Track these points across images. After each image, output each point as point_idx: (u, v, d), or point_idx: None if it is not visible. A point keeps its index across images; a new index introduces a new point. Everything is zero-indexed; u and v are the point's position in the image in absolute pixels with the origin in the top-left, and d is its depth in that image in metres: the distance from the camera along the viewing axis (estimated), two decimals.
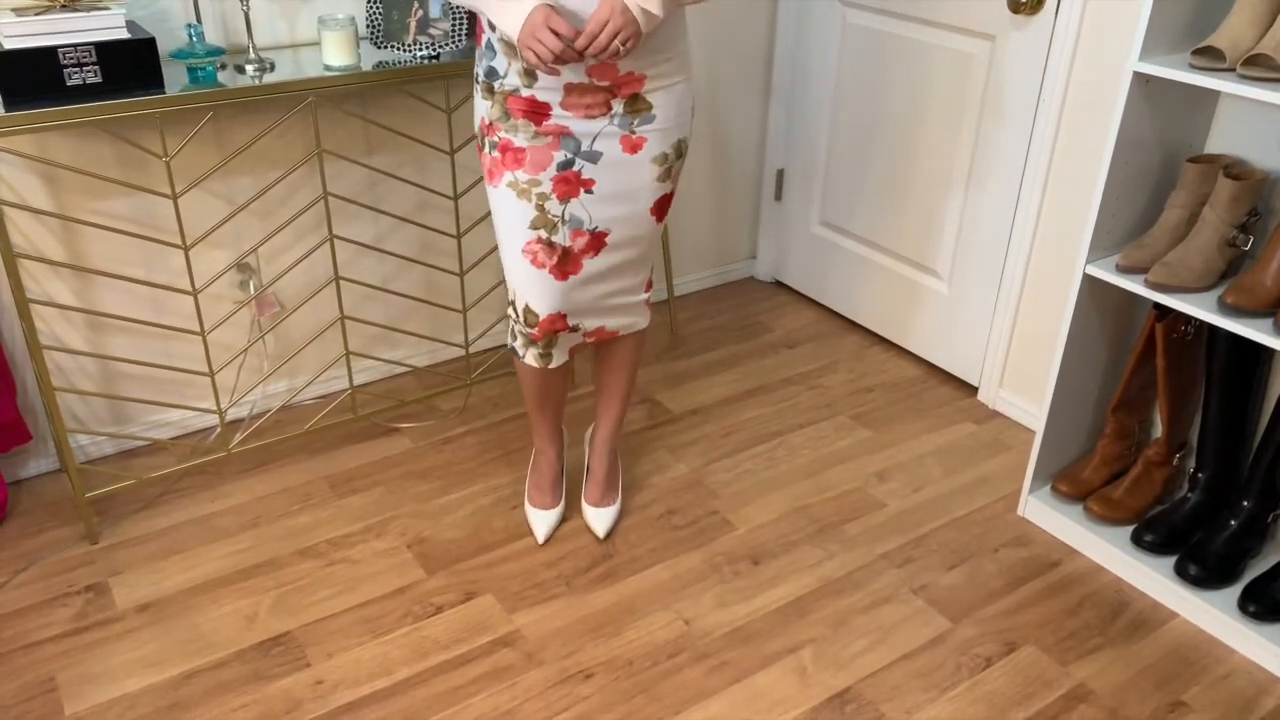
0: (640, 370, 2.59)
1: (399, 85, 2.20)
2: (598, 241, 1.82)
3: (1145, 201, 1.97)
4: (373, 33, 2.12)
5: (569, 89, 1.69)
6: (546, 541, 2.10)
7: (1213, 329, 1.91)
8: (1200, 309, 1.79)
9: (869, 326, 2.97)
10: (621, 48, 1.57)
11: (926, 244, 2.71)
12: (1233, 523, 1.96)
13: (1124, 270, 1.90)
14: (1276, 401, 1.91)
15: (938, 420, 2.57)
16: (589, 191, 1.77)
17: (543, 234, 1.79)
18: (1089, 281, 1.97)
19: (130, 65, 1.83)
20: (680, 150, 1.82)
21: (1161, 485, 2.12)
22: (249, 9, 2.01)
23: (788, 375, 2.75)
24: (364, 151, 2.35)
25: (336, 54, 2.03)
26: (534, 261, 1.81)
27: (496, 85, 1.73)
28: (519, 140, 1.74)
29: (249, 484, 2.26)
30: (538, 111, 1.72)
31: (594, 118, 1.72)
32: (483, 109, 1.78)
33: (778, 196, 3.16)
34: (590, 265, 1.84)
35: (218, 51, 2.04)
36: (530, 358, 1.93)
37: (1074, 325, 2.02)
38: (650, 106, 1.74)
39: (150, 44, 1.85)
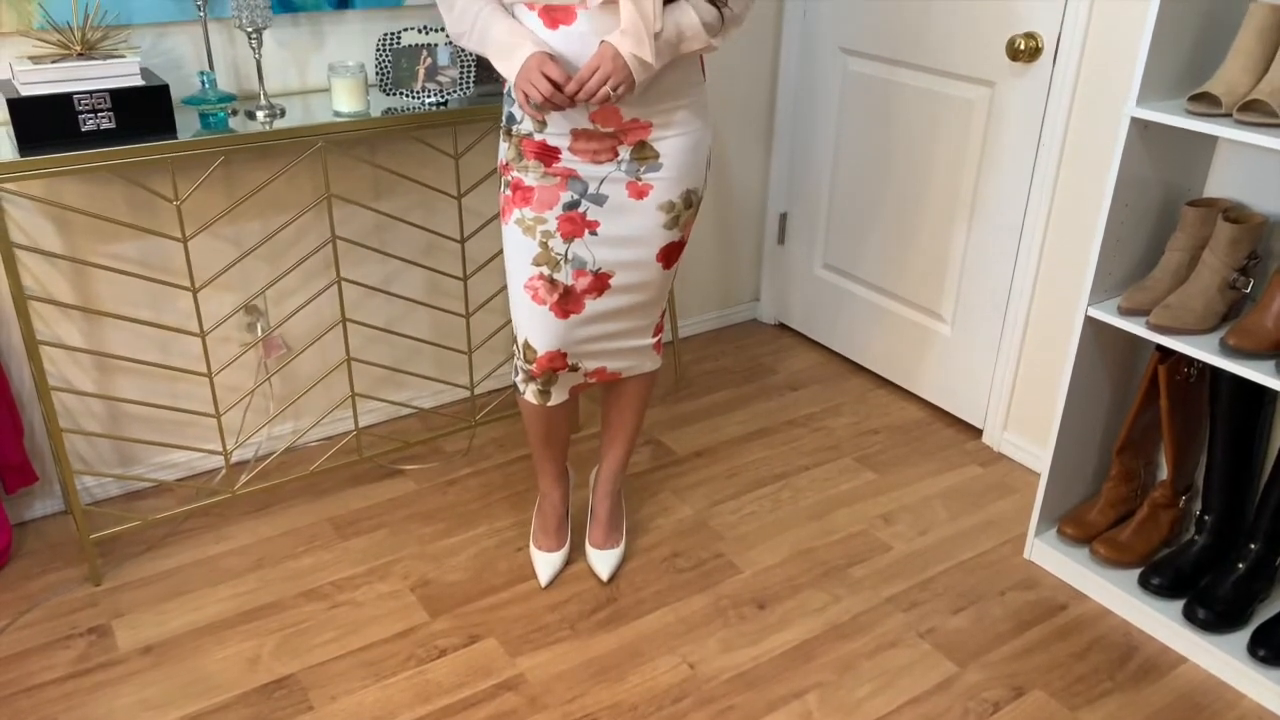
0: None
1: (407, 131, 2.23)
2: (601, 283, 1.84)
3: (1145, 244, 1.99)
4: (382, 80, 2.16)
5: (576, 134, 1.73)
6: (550, 584, 2.09)
7: (1215, 371, 1.92)
8: (1202, 351, 1.80)
9: (873, 369, 2.97)
10: (613, 94, 1.60)
11: (929, 287, 2.72)
12: (1241, 566, 1.95)
13: (1126, 312, 1.91)
14: None
15: (943, 463, 2.57)
16: (593, 233, 1.80)
17: (545, 270, 1.81)
18: (1091, 324, 1.98)
19: (144, 111, 1.86)
20: (689, 200, 1.84)
21: (1168, 528, 2.12)
22: (261, 57, 2.05)
23: (792, 417, 2.76)
24: (372, 196, 2.38)
25: (346, 100, 2.07)
26: (535, 297, 1.83)
27: (514, 129, 1.79)
28: (529, 179, 1.78)
29: (253, 526, 2.26)
30: (548, 154, 1.76)
31: (601, 162, 1.75)
32: (502, 150, 1.84)
33: (781, 240, 3.19)
34: (593, 306, 1.85)
35: (229, 98, 2.07)
36: (530, 394, 1.94)
37: (1077, 367, 2.03)
38: (657, 155, 1.76)
39: (164, 91, 1.88)
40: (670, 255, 1.87)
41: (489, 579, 2.11)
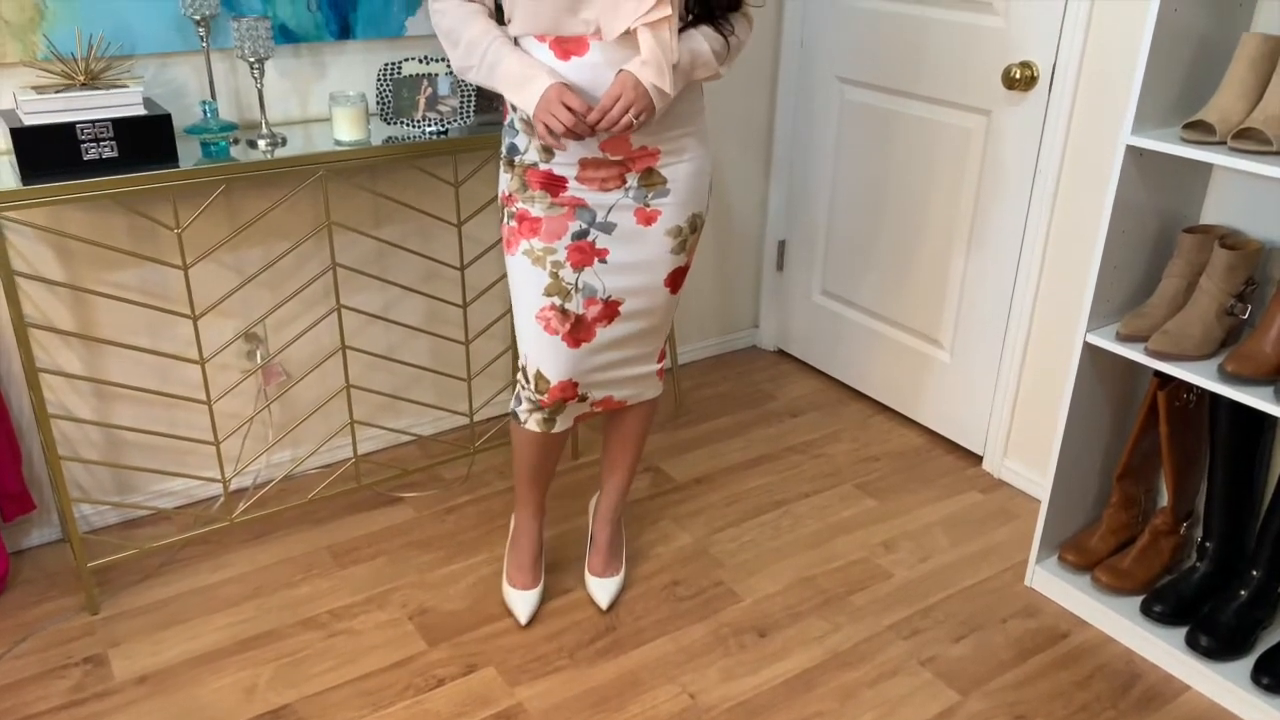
0: None
1: (408, 159, 2.25)
2: (611, 310, 1.84)
3: (1143, 271, 2.00)
4: (383, 109, 2.18)
5: (584, 164, 1.74)
6: (531, 622, 2.06)
7: (1215, 397, 1.92)
8: (1201, 377, 1.80)
9: (872, 395, 2.97)
10: (635, 122, 1.61)
11: (928, 313, 2.73)
12: (1243, 593, 1.94)
13: (1124, 339, 1.92)
14: None
15: (943, 489, 2.56)
16: (603, 261, 1.80)
17: (556, 301, 1.81)
18: (1090, 350, 1.98)
19: (146, 140, 1.87)
20: (695, 224, 1.85)
21: (1170, 554, 2.11)
22: (262, 86, 2.07)
23: (792, 444, 2.75)
24: (372, 223, 2.40)
25: (347, 129, 2.08)
26: (547, 328, 1.83)
27: (517, 160, 1.79)
28: (535, 210, 1.78)
29: (251, 554, 2.25)
30: (555, 184, 1.76)
31: (609, 190, 1.76)
32: (503, 181, 1.83)
33: (779, 266, 3.20)
34: (603, 333, 1.85)
35: (231, 127, 2.09)
36: (533, 423, 1.93)
37: (1076, 394, 2.03)
38: (665, 180, 1.78)
39: (166, 120, 1.90)
40: (677, 280, 1.88)
41: (487, 608, 2.10)
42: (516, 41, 1.70)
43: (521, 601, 2.06)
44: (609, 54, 1.63)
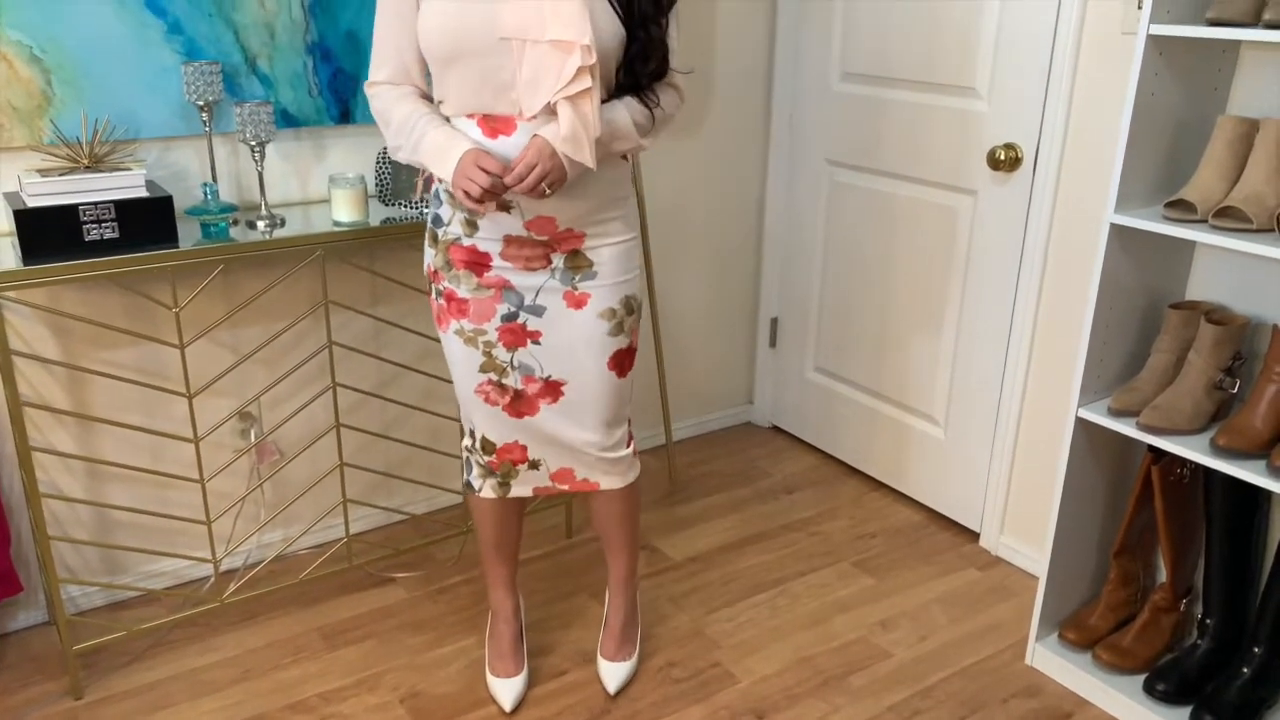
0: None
1: (405, 239, 2.28)
2: (553, 389, 1.82)
3: (1132, 346, 2.02)
4: (381, 191, 2.22)
5: (508, 240, 1.73)
6: (516, 709, 2.00)
7: (1208, 472, 1.92)
8: (1193, 451, 1.81)
9: (868, 472, 2.97)
10: (547, 190, 1.61)
11: (921, 390, 2.74)
12: (1245, 670, 1.91)
13: (1116, 413, 1.93)
14: (1279, 544, 1.90)
15: (940, 567, 2.54)
16: (536, 343, 1.79)
17: (492, 376, 1.81)
18: (1082, 425, 1.99)
19: (147, 221, 1.90)
20: (630, 306, 1.82)
21: (1170, 631, 2.08)
22: (263, 169, 2.11)
23: (788, 521, 2.74)
24: (369, 302, 2.42)
25: (346, 210, 2.12)
26: (486, 400, 1.83)
27: (440, 233, 1.78)
28: (461, 291, 1.78)
29: (240, 636, 2.21)
30: (479, 262, 1.76)
31: (534, 270, 1.75)
32: (428, 256, 1.83)
33: (773, 343, 3.22)
34: (548, 410, 1.84)
35: (231, 208, 2.12)
36: (488, 489, 1.91)
37: (1070, 469, 2.03)
38: (592, 264, 1.77)
39: (167, 202, 1.93)
40: (622, 363, 1.84)
41: (479, 690, 2.06)
42: (449, 121, 1.71)
43: (505, 690, 2.02)
44: (534, 130, 1.63)
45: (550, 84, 1.58)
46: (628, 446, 1.93)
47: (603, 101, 1.65)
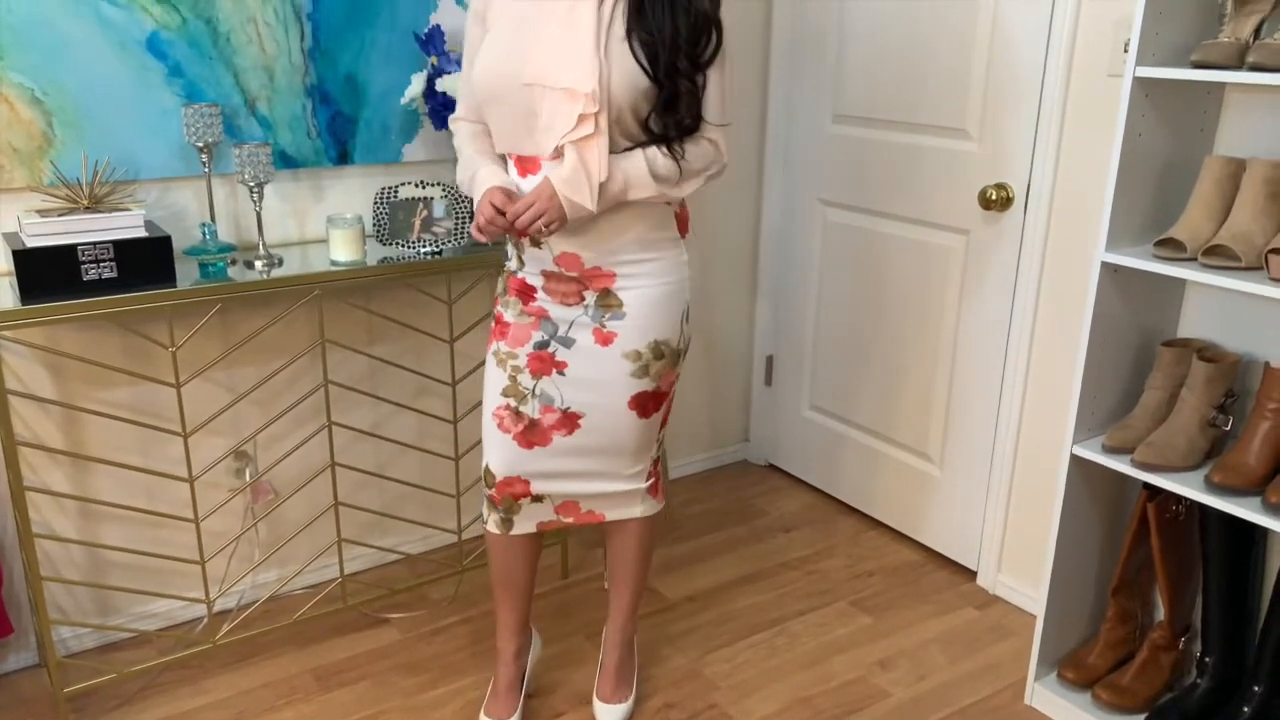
0: None
1: (403, 279, 2.29)
2: (570, 421, 1.85)
3: (1126, 383, 2.03)
4: (379, 231, 2.23)
5: (546, 275, 1.81)
6: None
7: (1204, 509, 1.92)
8: (1188, 488, 1.81)
9: (864, 510, 2.96)
10: (544, 229, 1.68)
11: (916, 428, 2.75)
12: (1246, 709, 1.90)
13: (1110, 450, 1.93)
14: (1276, 580, 1.90)
15: (938, 606, 2.53)
16: (561, 373, 1.83)
17: (511, 402, 1.85)
18: (1077, 462, 2.00)
19: (145, 261, 1.91)
20: (660, 352, 1.83)
21: (1170, 670, 2.07)
22: (261, 209, 2.13)
23: (785, 560, 2.73)
24: (366, 341, 2.43)
25: (343, 250, 2.13)
26: (500, 425, 1.86)
27: (506, 265, 1.88)
28: (508, 315, 1.86)
29: (232, 678, 2.19)
30: (526, 292, 1.84)
31: (569, 305, 1.81)
32: (498, 284, 1.93)
33: (768, 381, 3.23)
34: (561, 441, 1.86)
35: (229, 248, 2.14)
36: (492, 523, 1.93)
37: (1066, 507, 2.03)
38: (621, 304, 1.80)
39: (165, 241, 1.94)
40: (645, 404, 1.86)
41: None
42: (504, 158, 1.80)
43: None
44: (554, 171, 1.69)
45: (560, 127, 1.65)
46: (646, 480, 1.95)
47: (626, 149, 1.70)
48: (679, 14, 1.66)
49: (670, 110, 1.69)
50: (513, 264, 1.86)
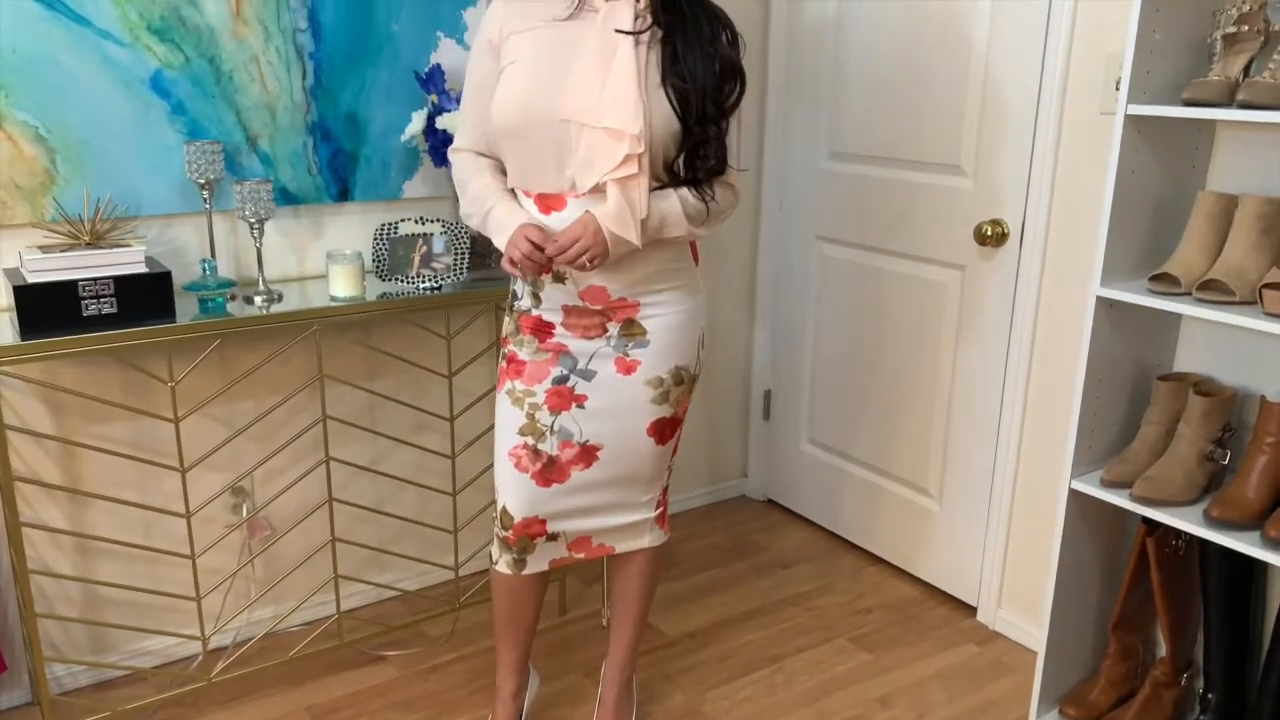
0: None
1: (401, 314, 2.30)
2: (588, 454, 1.86)
3: (1123, 417, 2.03)
4: (379, 267, 2.25)
5: (567, 310, 1.81)
6: None
7: (1203, 544, 1.91)
8: (1187, 522, 1.80)
9: (864, 545, 2.95)
10: (589, 264, 1.68)
11: (914, 463, 2.74)
12: None
13: (1108, 485, 1.93)
14: (1278, 615, 1.89)
15: (938, 642, 2.51)
16: (580, 406, 1.84)
17: (529, 440, 1.84)
18: (1076, 497, 1.99)
19: (145, 297, 1.92)
20: (680, 378, 1.87)
21: (1172, 707, 2.05)
22: (261, 245, 2.14)
23: (784, 596, 2.71)
24: (365, 376, 2.43)
25: (343, 285, 2.14)
26: (517, 465, 1.86)
27: (515, 305, 1.88)
28: (523, 354, 1.85)
29: (227, 716, 2.17)
30: (543, 329, 1.83)
31: (591, 338, 1.82)
32: (505, 324, 1.92)
33: (766, 416, 3.23)
34: (579, 476, 1.86)
35: (229, 284, 2.15)
36: (504, 564, 1.92)
37: (1065, 542, 2.02)
38: (645, 332, 1.83)
39: (166, 277, 1.95)
40: (663, 431, 1.89)
41: None
42: (514, 193, 1.80)
43: None
44: (585, 209, 1.70)
45: (602, 165, 1.66)
46: (655, 510, 1.96)
47: (655, 189, 1.72)
48: (708, 61, 1.71)
49: (704, 155, 1.74)
50: (525, 303, 1.85)
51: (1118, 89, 1.82)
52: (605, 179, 1.66)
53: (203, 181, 2.08)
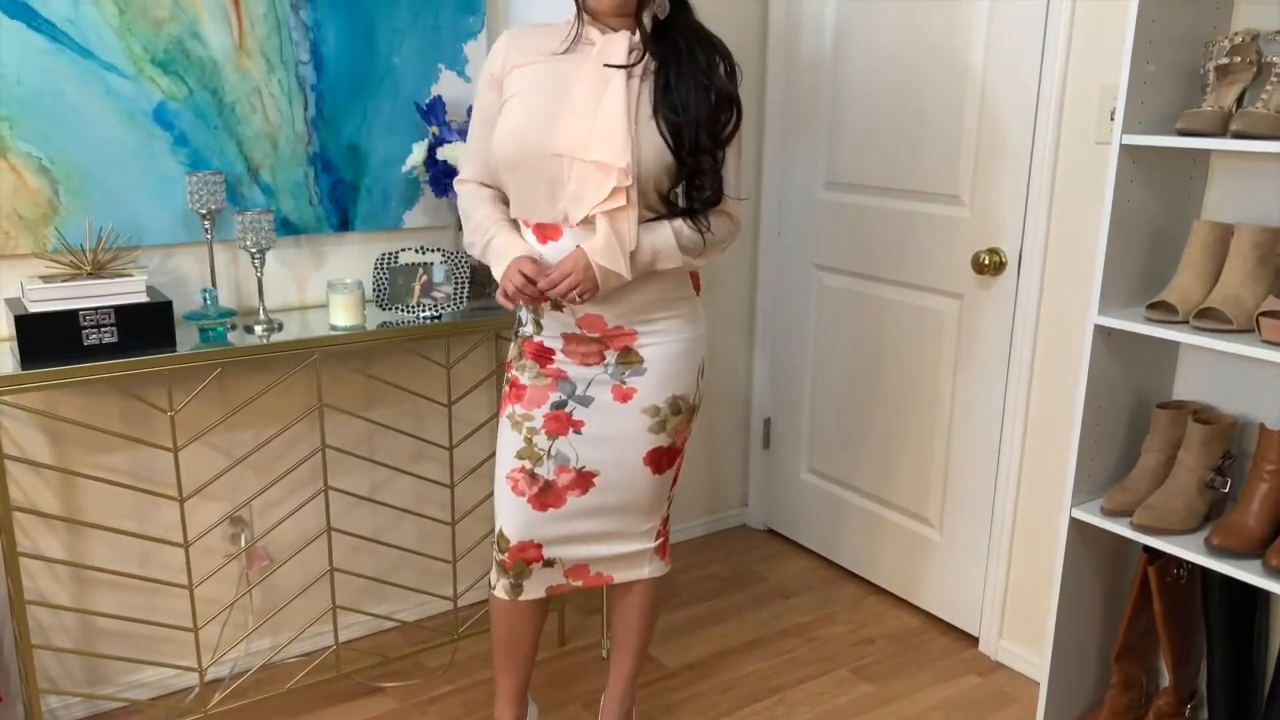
0: None
1: (401, 343, 2.30)
2: (585, 480, 1.86)
3: (1123, 445, 2.03)
4: (379, 296, 2.25)
5: (567, 338, 1.83)
6: None
7: (1205, 573, 1.91)
8: (1188, 551, 1.80)
9: (864, 575, 2.94)
10: (579, 299, 1.71)
11: (914, 492, 2.74)
12: None
13: (1109, 513, 1.93)
14: None
15: (940, 673, 2.49)
16: (578, 432, 1.84)
17: (526, 464, 1.85)
18: (1076, 526, 1.99)
19: (146, 326, 1.93)
20: (678, 407, 1.87)
21: None
22: (262, 275, 2.15)
23: (785, 626, 2.69)
24: (364, 405, 2.43)
25: (343, 315, 2.15)
26: (514, 488, 1.86)
27: (520, 330, 1.90)
28: (524, 378, 1.87)
29: None
30: (544, 355, 1.85)
31: (589, 365, 1.83)
32: (510, 349, 1.94)
33: (766, 444, 3.23)
34: (576, 502, 1.86)
35: (229, 313, 2.15)
36: (501, 589, 1.91)
37: (1066, 571, 2.02)
38: (642, 360, 1.83)
39: (166, 307, 1.96)
40: (660, 460, 1.89)
41: None
42: (517, 223, 1.82)
43: None
44: (580, 239, 1.72)
45: (591, 199, 1.69)
46: (655, 540, 1.96)
47: (651, 219, 1.74)
48: (703, 92, 1.72)
49: (695, 185, 1.75)
50: (528, 329, 1.87)
51: (1113, 119, 1.84)
52: (594, 211, 1.68)
53: (204, 212, 2.09)
